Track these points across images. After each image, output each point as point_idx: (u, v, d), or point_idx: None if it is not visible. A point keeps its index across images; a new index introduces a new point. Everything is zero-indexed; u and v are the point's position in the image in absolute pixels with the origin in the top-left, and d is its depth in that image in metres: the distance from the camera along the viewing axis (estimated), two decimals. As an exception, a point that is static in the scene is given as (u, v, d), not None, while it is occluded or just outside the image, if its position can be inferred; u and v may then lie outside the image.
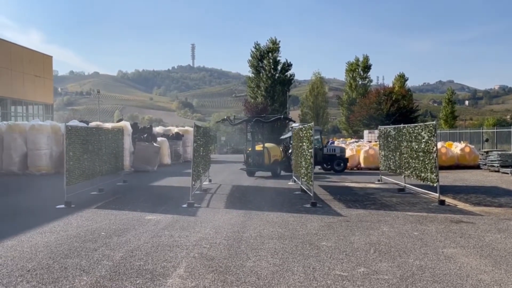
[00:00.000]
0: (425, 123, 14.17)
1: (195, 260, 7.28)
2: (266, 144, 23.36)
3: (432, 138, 13.20)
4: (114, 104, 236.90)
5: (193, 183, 13.47)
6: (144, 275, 6.49)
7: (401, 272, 6.60)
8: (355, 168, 26.16)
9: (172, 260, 7.24)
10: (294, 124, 25.83)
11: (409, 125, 15.84)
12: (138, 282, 6.20)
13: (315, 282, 6.19)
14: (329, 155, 25.30)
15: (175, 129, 37.48)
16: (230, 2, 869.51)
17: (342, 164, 25.14)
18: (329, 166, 25.20)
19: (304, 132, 14.86)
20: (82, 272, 6.64)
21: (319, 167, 25.57)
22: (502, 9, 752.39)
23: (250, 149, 23.02)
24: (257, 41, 67.49)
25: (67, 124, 14.74)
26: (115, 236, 9.04)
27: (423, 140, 13.76)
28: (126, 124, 26.40)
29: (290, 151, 23.19)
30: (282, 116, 28.36)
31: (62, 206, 12.75)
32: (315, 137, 24.86)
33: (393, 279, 6.29)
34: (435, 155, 13.02)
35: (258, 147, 22.79)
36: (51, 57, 45.93)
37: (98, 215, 11.46)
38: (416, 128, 14.55)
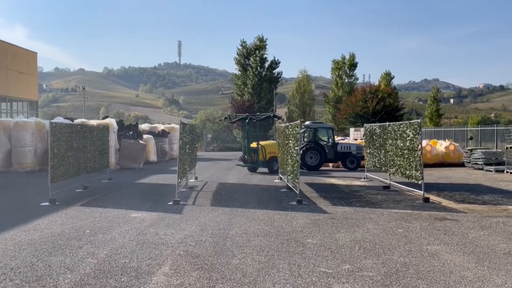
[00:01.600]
0: (410, 121, 14.27)
1: (180, 257, 7.26)
2: (265, 142, 23.92)
3: (417, 136, 13.29)
4: (100, 101, 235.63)
5: (179, 180, 13.43)
6: (129, 272, 6.47)
7: (386, 269, 6.65)
8: (341, 166, 26.22)
9: (157, 258, 7.22)
10: (306, 122, 26.77)
11: (394, 123, 15.93)
12: (122, 280, 6.17)
13: (300, 279, 6.21)
14: (343, 152, 25.13)
15: (161, 126, 37.33)
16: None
17: (355, 162, 25.12)
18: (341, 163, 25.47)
19: (291, 129, 14.88)
20: (66, 270, 6.59)
21: (331, 164, 25.99)
22: (487, 10, 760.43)
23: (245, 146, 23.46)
24: (243, 39, 67.31)
25: (51, 121, 14.60)
26: (100, 233, 8.99)
27: (408, 138, 13.86)
28: (111, 121, 26.23)
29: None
30: (272, 114, 28.83)
31: (47, 203, 12.65)
32: (329, 134, 25.26)
33: (377, 276, 6.34)
34: (419, 153, 13.12)
35: (255, 144, 23.00)
36: (36, 53, 45.47)
37: (83, 213, 11.39)
38: (401, 126, 14.64)
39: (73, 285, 5.96)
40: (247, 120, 23.44)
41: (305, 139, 24.83)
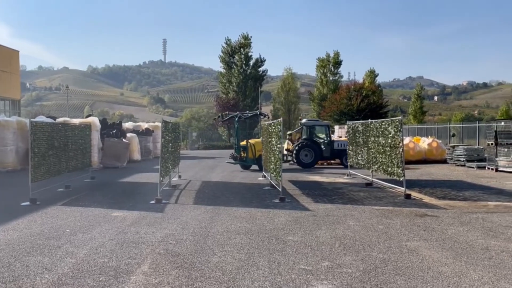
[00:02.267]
0: (392, 118, 14.37)
1: (160, 256, 7.23)
2: (255, 139, 24.30)
3: (398, 133, 13.38)
4: (84, 100, 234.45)
5: (161, 179, 13.37)
6: (108, 272, 6.42)
7: (365, 266, 6.69)
8: (325, 163, 26.32)
9: (137, 257, 7.18)
10: (303, 120, 27.66)
11: (376, 120, 16.03)
12: (101, 279, 6.13)
13: (279, 277, 6.22)
14: (339, 150, 24.96)
15: (145, 125, 37.19)
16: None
17: None
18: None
19: (273, 127, 14.89)
20: (44, 270, 6.53)
21: (322, 161, 26.07)
22: (471, 6, 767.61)
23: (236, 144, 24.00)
24: (227, 37, 67.35)
25: (31, 119, 14.43)
26: (80, 233, 8.92)
27: (390, 135, 13.94)
28: (94, 120, 26.03)
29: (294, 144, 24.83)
30: (258, 112, 29.19)
31: (27, 203, 12.51)
32: (326, 132, 25.68)
33: (356, 273, 6.37)
34: (401, 150, 13.20)
35: (252, 142, 23.56)
36: (18, 51, 44.84)
37: (64, 212, 11.29)
38: (383, 123, 14.73)
39: (50, 285, 5.90)
40: (236, 119, 23.72)
41: (303, 137, 25.10)
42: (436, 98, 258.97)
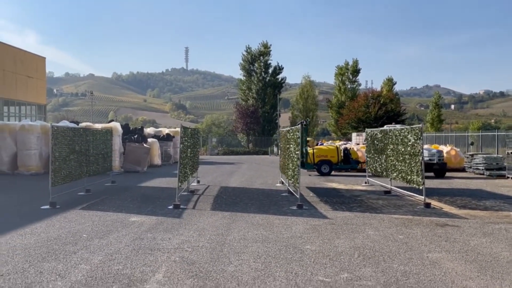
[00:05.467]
0: (411, 126, 14.12)
1: (175, 264, 7.13)
2: (318, 146, 26.98)
3: (418, 141, 13.12)
4: (109, 105, 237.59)
5: (180, 184, 13.31)
6: (121, 280, 6.33)
7: (385, 278, 6.48)
8: (342, 170, 26.03)
9: (152, 264, 7.09)
10: (388, 126, 27.90)
11: (395, 128, 15.78)
12: (113, 287, 6.05)
13: None
14: (428, 164, 22.59)
15: (166, 130, 37.34)
16: (223, 5, 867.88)
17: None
18: None
19: (291, 134, 14.74)
20: (57, 276, 6.47)
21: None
22: (488, 16, 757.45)
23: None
24: (248, 45, 67.69)
25: (52, 124, 14.51)
26: (96, 238, 8.88)
27: (409, 143, 13.69)
28: (116, 125, 26.21)
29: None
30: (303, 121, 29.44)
31: (47, 206, 12.57)
32: None
33: (376, 286, 6.17)
34: (421, 158, 12.94)
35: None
36: (44, 58, 45.58)
37: (82, 217, 11.28)
38: (403, 131, 14.48)
39: (64, 292, 5.84)
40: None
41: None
42: (452, 106, 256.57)
